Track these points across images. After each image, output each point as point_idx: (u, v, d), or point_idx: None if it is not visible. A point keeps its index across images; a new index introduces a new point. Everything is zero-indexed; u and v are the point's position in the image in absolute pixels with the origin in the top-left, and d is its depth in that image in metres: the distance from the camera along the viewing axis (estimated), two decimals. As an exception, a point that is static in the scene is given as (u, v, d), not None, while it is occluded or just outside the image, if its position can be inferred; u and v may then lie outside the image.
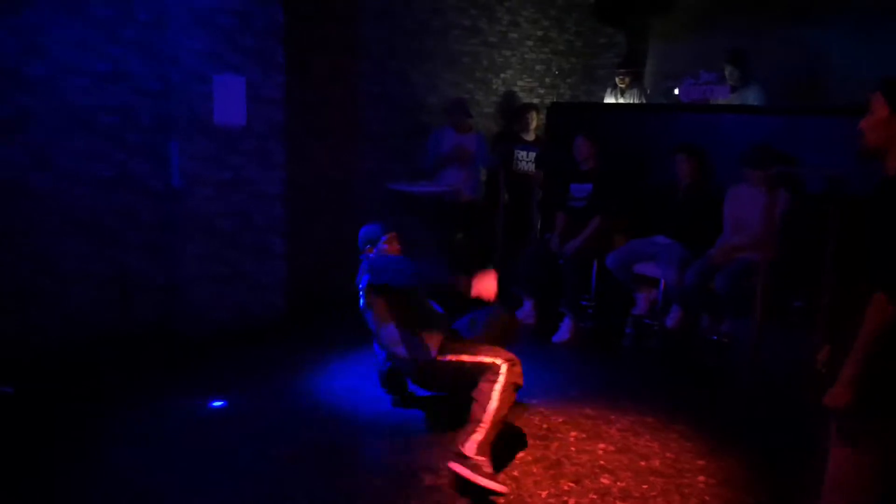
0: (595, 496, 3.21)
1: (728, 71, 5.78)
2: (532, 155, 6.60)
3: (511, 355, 3.45)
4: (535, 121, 6.76)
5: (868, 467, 2.12)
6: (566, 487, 3.27)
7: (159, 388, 4.21)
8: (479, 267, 3.56)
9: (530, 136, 6.75)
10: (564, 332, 5.31)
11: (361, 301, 3.79)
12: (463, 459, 3.14)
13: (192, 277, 4.91)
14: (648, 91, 6.88)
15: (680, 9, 6.95)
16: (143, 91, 4.79)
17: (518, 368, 3.41)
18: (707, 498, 3.22)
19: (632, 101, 6.70)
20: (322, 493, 3.19)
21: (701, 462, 3.54)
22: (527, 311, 5.60)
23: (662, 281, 5.12)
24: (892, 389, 2.07)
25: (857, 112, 2.20)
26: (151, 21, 4.73)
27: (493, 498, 3.14)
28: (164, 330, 5.01)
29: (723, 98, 5.67)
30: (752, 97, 5.83)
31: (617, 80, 6.77)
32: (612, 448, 3.66)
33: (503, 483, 3.21)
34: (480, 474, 3.11)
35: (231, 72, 4.79)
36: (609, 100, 6.85)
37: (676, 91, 5.92)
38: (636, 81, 6.78)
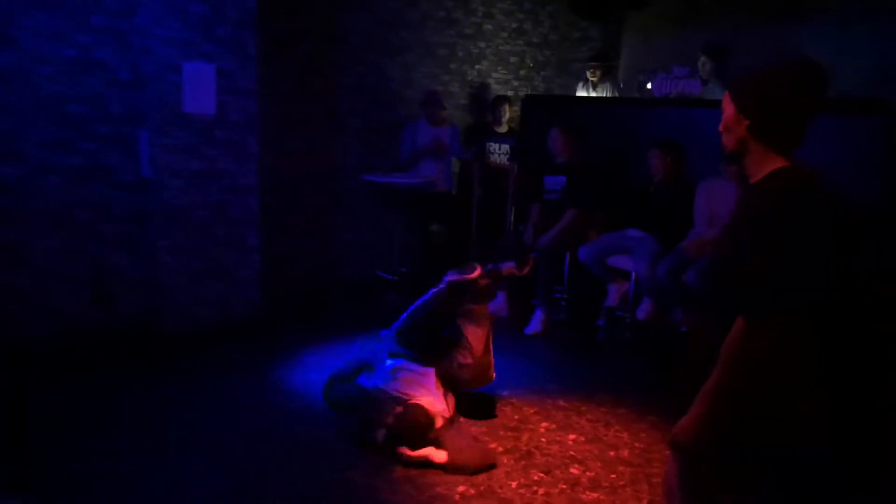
0: (565, 486, 3.25)
1: (701, 62, 5.83)
2: (504, 147, 6.63)
3: None
4: (507, 113, 6.79)
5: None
6: (536, 478, 3.31)
7: (138, 384, 4.17)
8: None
9: (503, 129, 6.78)
10: (537, 324, 5.35)
11: None
12: None
13: (168, 271, 4.85)
14: (622, 85, 6.92)
15: (656, 4, 6.99)
16: (114, 80, 4.72)
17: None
18: (675, 487, 3.27)
19: (604, 95, 6.74)
20: (298, 485, 3.19)
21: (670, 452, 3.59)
22: (500, 304, 5.63)
23: (634, 273, 5.18)
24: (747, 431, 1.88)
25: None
26: (122, 9, 4.66)
27: (461, 489, 3.18)
28: (141, 324, 4.95)
29: (695, 93, 5.72)
30: (721, 92, 5.90)
31: (588, 73, 6.80)
32: (582, 439, 3.71)
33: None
34: None
35: (203, 61, 4.74)
36: (581, 93, 6.88)
37: (649, 85, 5.96)
38: (608, 75, 6.81)
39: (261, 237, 5.22)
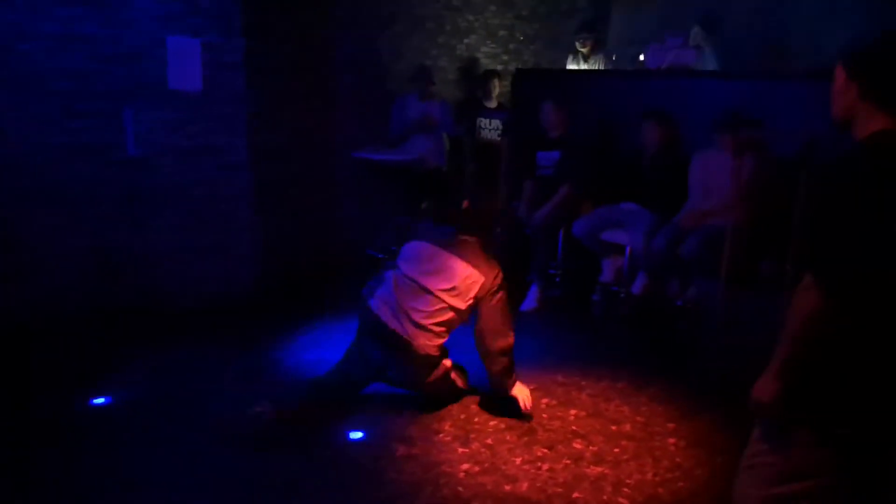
0: (569, 461, 3.23)
1: (693, 32, 5.78)
2: (495, 122, 6.54)
3: None
4: (497, 88, 6.68)
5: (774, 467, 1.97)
6: (540, 453, 3.29)
7: (132, 361, 4.09)
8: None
9: (493, 104, 6.68)
10: (532, 300, 5.31)
11: None
12: None
13: (161, 249, 4.77)
14: (615, 57, 6.83)
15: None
16: (97, 56, 4.57)
17: None
18: (678, 460, 3.27)
19: (597, 67, 6.65)
20: (297, 463, 3.14)
21: (671, 425, 3.59)
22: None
23: (629, 248, 5.14)
24: (818, 388, 1.89)
25: (827, 77, 2.16)
26: (103, -19, 4.52)
27: (465, 466, 3.14)
28: (135, 303, 4.86)
29: (689, 62, 5.67)
30: (710, 63, 5.87)
31: (577, 44, 6.71)
32: (583, 413, 3.69)
33: (478, 451, 3.24)
34: None
35: (189, 35, 4.60)
36: (571, 66, 6.79)
37: (642, 57, 5.90)
38: (598, 47, 6.73)
39: (254, 214, 5.12)
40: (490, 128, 6.56)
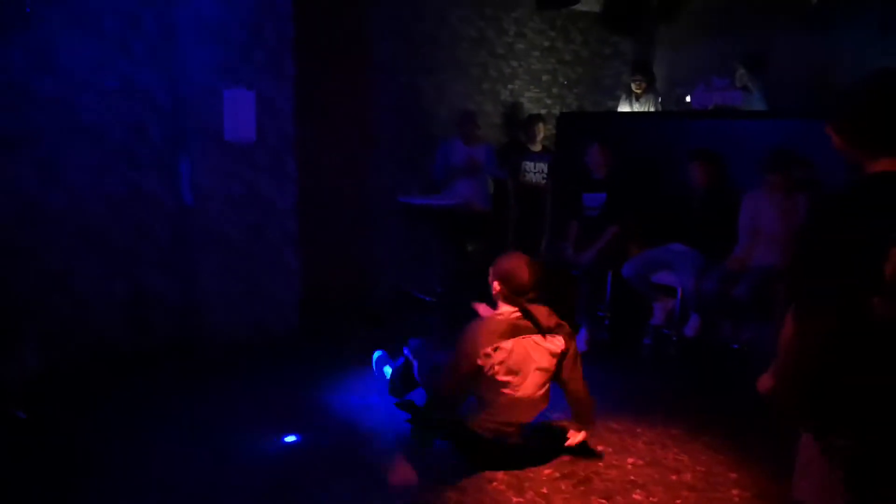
0: (628, 512, 3.13)
1: (739, 73, 5.77)
2: (540, 166, 6.56)
3: None
4: (542, 132, 6.72)
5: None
6: (597, 504, 3.19)
7: (177, 406, 4.12)
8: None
9: (537, 147, 6.72)
10: (581, 343, 5.21)
11: None
12: None
13: (207, 293, 4.84)
14: (660, 99, 6.84)
15: (687, 15, 6.92)
16: (154, 106, 4.72)
17: None
18: (743, 512, 3.15)
19: (647, 108, 6.66)
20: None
21: (733, 475, 3.46)
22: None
23: (680, 290, 5.05)
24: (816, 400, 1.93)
25: None
26: (162, 35, 4.67)
27: (524, 516, 3.07)
28: (180, 347, 4.93)
29: (736, 103, 5.63)
30: (757, 103, 5.83)
31: (633, 85, 6.73)
32: (640, 462, 3.58)
33: (533, 501, 3.14)
34: None
35: (243, 85, 4.72)
36: (623, 107, 6.80)
37: (688, 98, 5.88)
38: (651, 87, 6.74)
39: (300, 258, 5.17)
40: (534, 171, 6.58)
